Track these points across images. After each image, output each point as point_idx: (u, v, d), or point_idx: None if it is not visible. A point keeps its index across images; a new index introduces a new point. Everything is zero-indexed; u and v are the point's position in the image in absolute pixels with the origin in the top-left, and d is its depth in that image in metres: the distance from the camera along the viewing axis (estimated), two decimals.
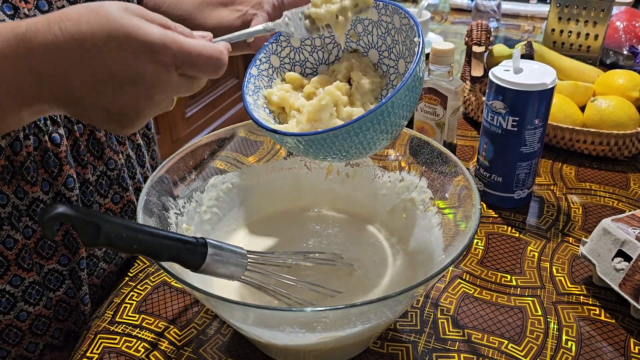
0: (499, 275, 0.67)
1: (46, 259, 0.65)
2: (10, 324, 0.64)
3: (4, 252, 0.61)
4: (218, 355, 0.58)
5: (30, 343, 0.66)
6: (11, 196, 0.60)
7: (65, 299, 0.68)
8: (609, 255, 0.61)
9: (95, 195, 0.68)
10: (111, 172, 0.69)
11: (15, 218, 0.61)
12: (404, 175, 0.67)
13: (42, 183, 0.62)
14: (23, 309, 0.64)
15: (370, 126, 0.48)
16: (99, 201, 0.69)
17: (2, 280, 0.62)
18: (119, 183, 0.70)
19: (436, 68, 0.83)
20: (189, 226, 0.62)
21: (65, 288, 0.67)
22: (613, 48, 1.17)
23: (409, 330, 0.60)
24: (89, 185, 0.66)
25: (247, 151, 0.71)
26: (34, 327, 0.66)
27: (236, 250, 0.51)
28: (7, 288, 0.62)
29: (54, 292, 0.66)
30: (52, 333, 0.68)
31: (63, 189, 0.62)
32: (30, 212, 0.62)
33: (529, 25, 1.49)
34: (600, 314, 0.62)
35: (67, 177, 0.62)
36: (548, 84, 0.70)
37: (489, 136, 0.76)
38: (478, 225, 0.51)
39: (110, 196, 0.70)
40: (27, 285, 0.64)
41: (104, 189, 0.69)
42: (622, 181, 0.84)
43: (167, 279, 0.68)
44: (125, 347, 0.59)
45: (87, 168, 0.65)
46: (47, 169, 0.62)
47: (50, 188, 0.62)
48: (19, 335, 0.65)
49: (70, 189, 0.63)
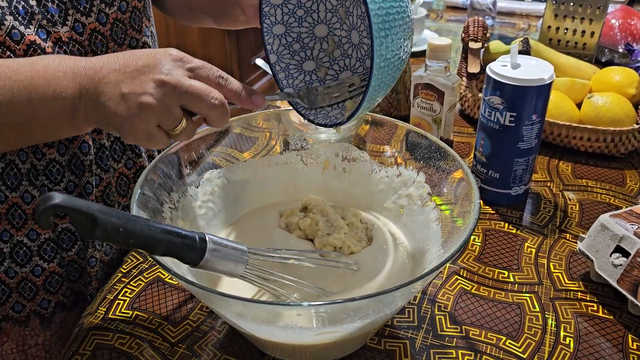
0: (497, 272, 0.67)
1: (60, 217, 0.67)
2: (25, 278, 0.66)
3: (22, 205, 0.63)
4: (213, 352, 0.57)
5: (43, 299, 0.68)
6: (30, 154, 0.62)
7: (76, 259, 0.69)
8: (607, 251, 0.61)
9: (110, 160, 0.70)
10: None
11: (33, 175, 0.63)
12: (402, 170, 0.66)
13: (58, 145, 0.64)
14: (38, 264, 0.66)
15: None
16: (113, 166, 0.71)
17: (21, 233, 0.64)
18: (132, 149, 0.72)
19: (433, 64, 0.83)
20: (184, 221, 0.61)
21: (77, 249, 0.69)
22: (608, 46, 1.17)
23: (407, 326, 0.60)
24: (105, 150, 0.68)
25: (242, 147, 0.71)
26: (47, 284, 0.68)
27: (237, 247, 0.50)
28: (24, 240, 0.65)
29: (66, 251, 0.68)
30: (64, 292, 0.70)
31: (78, 152, 0.64)
32: (46, 172, 0.64)
33: (524, 23, 1.49)
34: (598, 310, 0.62)
35: (82, 142, 0.64)
36: (546, 80, 0.70)
37: (486, 132, 0.75)
38: (477, 221, 0.51)
39: (123, 161, 0.72)
40: (42, 241, 0.66)
41: (118, 154, 0.71)
42: (618, 178, 0.84)
43: (161, 275, 0.67)
44: (119, 344, 0.58)
45: (102, 134, 0.67)
46: None
47: (67, 150, 0.64)
48: (34, 290, 0.67)
49: (85, 153, 0.65)
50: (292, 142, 0.72)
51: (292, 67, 0.63)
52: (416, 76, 0.85)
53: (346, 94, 0.59)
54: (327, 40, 0.64)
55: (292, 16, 0.61)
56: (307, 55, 0.63)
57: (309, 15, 0.62)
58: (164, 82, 0.49)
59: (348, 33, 0.62)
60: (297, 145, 0.71)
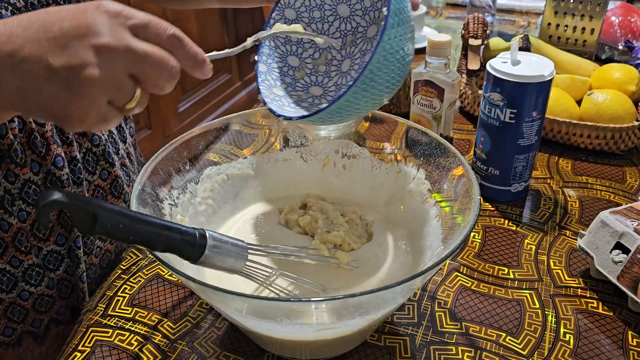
0: (497, 268, 0.67)
1: (43, 240, 0.64)
2: (13, 302, 0.64)
3: (0, 234, 0.61)
4: (213, 348, 0.57)
5: (35, 320, 0.66)
6: (2, 180, 0.59)
7: (66, 277, 0.68)
8: (607, 247, 0.61)
9: (84, 172, 0.67)
10: (96, 148, 0.69)
11: (9, 202, 0.60)
12: (402, 166, 0.66)
13: (31, 164, 0.61)
14: (25, 289, 0.64)
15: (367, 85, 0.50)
16: (87, 178, 0.68)
17: (2, 261, 0.62)
18: (105, 159, 0.70)
19: (433, 60, 0.83)
20: (183, 217, 0.61)
21: (65, 266, 0.67)
22: (608, 43, 1.16)
23: (407, 323, 0.60)
24: (77, 163, 0.65)
25: (241, 144, 0.70)
26: (38, 305, 0.66)
27: (236, 243, 0.50)
28: (7, 268, 0.62)
29: (54, 272, 0.66)
30: (57, 310, 0.68)
31: (53, 168, 0.62)
32: (23, 195, 0.61)
33: (524, 20, 1.48)
34: (598, 306, 0.61)
35: (55, 156, 0.61)
36: (546, 76, 0.70)
37: (486, 129, 0.75)
38: (477, 217, 0.51)
39: (98, 172, 0.70)
40: (26, 267, 0.64)
41: (92, 166, 0.68)
42: (618, 175, 0.84)
43: (160, 271, 0.67)
44: (118, 341, 0.58)
45: (72, 146, 0.65)
46: (35, 150, 0.61)
47: (40, 168, 0.62)
48: (23, 312, 0.65)
49: (60, 167, 0.62)
50: (292, 139, 0.71)
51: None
52: (416, 73, 0.85)
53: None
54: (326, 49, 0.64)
55: (307, 11, 0.62)
56: (294, 50, 0.64)
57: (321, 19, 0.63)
58: (109, 48, 0.39)
59: (342, 58, 0.64)
60: (296, 142, 0.71)
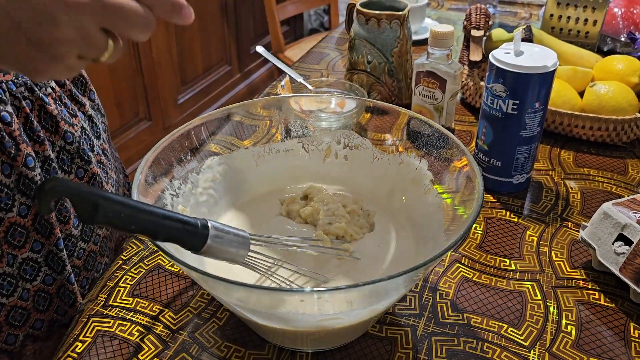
0: (498, 260, 0.67)
1: (18, 247, 0.61)
2: None
3: None
4: (214, 339, 0.57)
5: (8, 335, 0.63)
6: None
7: (43, 288, 0.65)
8: (610, 239, 0.61)
9: (59, 172, 0.65)
10: (70, 146, 0.67)
11: None
12: (404, 157, 0.66)
13: (2, 166, 0.59)
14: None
15: None
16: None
17: None
18: (80, 156, 0.67)
19: (435, 51, 0.82)
20: (184, 207, 0.60)
21: (43, 276, 0.64)
22: (611, 35, 1.16)
23: (408, 314, 0.60)
24: (51, 162, 0.63)
25: (242, 135, 0.70)
26: (11, 319, 0.63)
27: (239, 233, 0.50)
28: None
29: (30, 282, 0.63)
30: (33, 324, 0.65)
31: (24, 169, 0.59)
32: None
33: (526, 12, 1.48)
34: (600, 298, 0.61)
35: (26, 156, 0.59)
36: (549, 67, 0.69)
37: (488, 120, 0.75)
38: (480, 209, 0.50)
39: (74, 171, 0.67)
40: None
41: (67, 165, 0.66)
42: (620, 167, 0.83)
43: (161, 262, 0.67)
44: (119, 331, 0.58)
45: (44, 145, 0.62)
46: (4, 151, 0.59)
47: (12, 170, 0.59)
48: None
49: (32, 168, 0.60)
50: (294, 129, 0.71)
51: None
52: (418, 64, 0.84)
53: None
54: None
55: None
56: None
57: None
58: (77, 4, 0.37)
59: None
60: (298, 132, 0.71)
